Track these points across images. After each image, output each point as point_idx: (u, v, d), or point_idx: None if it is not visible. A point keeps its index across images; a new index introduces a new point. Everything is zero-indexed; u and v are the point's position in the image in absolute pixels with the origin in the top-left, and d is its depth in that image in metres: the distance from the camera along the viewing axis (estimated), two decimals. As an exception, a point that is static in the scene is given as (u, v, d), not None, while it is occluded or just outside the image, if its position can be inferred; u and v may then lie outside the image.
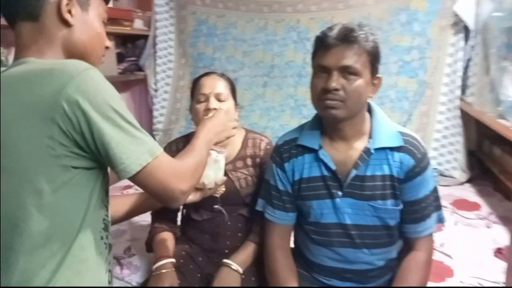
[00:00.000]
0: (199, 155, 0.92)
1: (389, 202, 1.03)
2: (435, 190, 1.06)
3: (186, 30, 2.73)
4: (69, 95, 0.68)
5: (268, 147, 1.33)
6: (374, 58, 1.00)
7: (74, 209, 0.75)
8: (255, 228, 1.29)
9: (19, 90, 0.72)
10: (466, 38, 2.26)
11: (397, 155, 1.02)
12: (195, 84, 1.30)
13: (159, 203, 1.08)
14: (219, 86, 1.26)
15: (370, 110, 1.09)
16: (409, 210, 1.04)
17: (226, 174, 1.21)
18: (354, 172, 1.03)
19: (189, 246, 1.33)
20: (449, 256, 1.54)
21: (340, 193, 1.05)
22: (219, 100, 1.24)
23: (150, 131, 2.70)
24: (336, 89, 0.96)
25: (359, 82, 0.97)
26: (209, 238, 1.31)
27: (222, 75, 1.32)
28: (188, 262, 1.26)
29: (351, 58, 0.96)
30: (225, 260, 1.20)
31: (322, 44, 0.98)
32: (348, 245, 1.06)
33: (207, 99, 1.24)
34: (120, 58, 2.64)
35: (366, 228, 1.05)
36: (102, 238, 0.81)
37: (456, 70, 2.30)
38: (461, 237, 1.68)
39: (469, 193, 2.16)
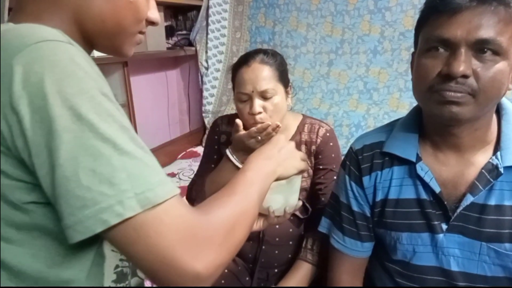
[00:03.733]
0: (245, 202, 0.54)
1: (523, 248, 0.70)
2: None
3: (245, 0, 2.45)
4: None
5: (328, 134, 1.09)
6: None
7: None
8: (310, 242, 1.04)
9: None
10: None
11: (542, 179, 0.68)
12: (234, 75, 1.05)
13: None
14: (263, 80, 0.99)
15: (497, 108, 0.75)
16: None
17: None
18: (469, 199, 0.71)
19: (233, 261, 1.09)
20: None
21: (444, 226, 0.74)
22: (265, 98, 1.00)
23: (199, 113, 2.49)
24: (465, 76, 0.63)
25: (500, 66, 0.63)
26: (252, 246, 1.07)
27: (266, 58, 1.02)
28: (233, 284, 1.03)
29: (493, 28, 0.61)
30: None
31: (442, 5, 0.64)
32: (451, 300, 0.75)
33: (250, 98, 1.01)
34: (170, 31, 2.43)
35: (480, 279, 0.74)
36: None
37: None
38: None
39: None
